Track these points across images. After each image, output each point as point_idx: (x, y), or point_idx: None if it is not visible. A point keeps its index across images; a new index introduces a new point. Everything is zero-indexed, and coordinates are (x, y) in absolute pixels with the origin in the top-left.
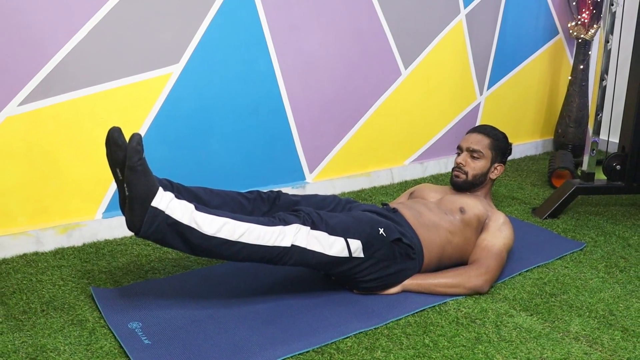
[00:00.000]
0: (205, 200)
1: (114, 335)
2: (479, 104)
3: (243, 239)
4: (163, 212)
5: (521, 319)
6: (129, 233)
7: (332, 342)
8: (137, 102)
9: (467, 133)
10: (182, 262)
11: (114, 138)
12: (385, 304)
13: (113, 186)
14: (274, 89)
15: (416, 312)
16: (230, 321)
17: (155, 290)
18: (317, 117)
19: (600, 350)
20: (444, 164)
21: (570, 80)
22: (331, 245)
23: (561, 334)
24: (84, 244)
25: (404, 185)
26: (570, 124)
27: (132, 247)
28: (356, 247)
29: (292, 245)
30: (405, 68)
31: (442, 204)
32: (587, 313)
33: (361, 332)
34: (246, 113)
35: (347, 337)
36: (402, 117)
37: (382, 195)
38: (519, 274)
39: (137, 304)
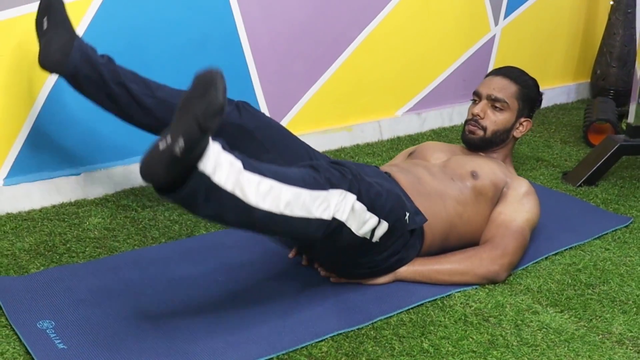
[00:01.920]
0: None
1: (18, 337)
2: (494, 36)
3: (287, 212)
4: (209, 177)
5: (548, 316)
6: (37, 205)
7: (303, 347)
8: None
9: (488, 76)
10: (106, 242)
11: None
12: (372, 298)
13: (17, 143)
14: (226, 17)
15: (412, 308)
16: (169, 318)
17: (73, 279)
18: (282, 54)
19: None
20: (448, 116)
21: (612, 5)
22: (364, 223)
23: (600, 336)
24: None
25: (395, 143)
26: (612, 63)
27: (42, 224)
28: (380, 231)
29: (333, 218)
30: None
31: (448, 167)
32: (635, 309)
33: (341, 334)
34: (190, 49)
35: (322, 340)
36: (393, 55)
37: (367, 155)
38: (546, 257)
39: (48, 297)
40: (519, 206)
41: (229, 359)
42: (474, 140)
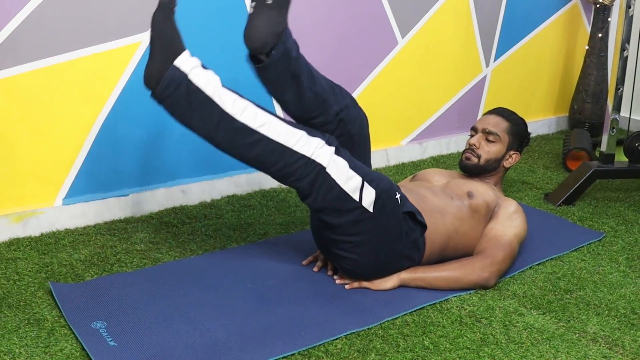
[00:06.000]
0: None
1: (75, 336)
2: (485, 76)
3: (263, 131)
4: (186, 75)
5: (532, 318)
6: (92, 222)
7: (320, 344)
8: (102, 74)
9: (484, 114)
10: (152, 255)
11: None
12: (379, 301)
13: (74, 168)
14: None
15: (414, 311)
16: (206, 320)
17: (122, 286)
18: None
19: (621, 354)
20: (446, 145)
21: (587, 50)
22: (349, 179)
23: (577, 335)
24: (41, 234)
25: (400, 168)
26: (588, 100)
27: (95, 238)
28: (369, 196)
29: (312, 159)
30: (402, 36)
31: (448, 187)
32: (607, 312)
33: (353, 333)
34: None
35: (336, 339)
36: (399, 92)
37: None
38: (530, 267)
39: (101, 301)
40: (509, 222)
41: (258, 354)
42: (469, 166)
